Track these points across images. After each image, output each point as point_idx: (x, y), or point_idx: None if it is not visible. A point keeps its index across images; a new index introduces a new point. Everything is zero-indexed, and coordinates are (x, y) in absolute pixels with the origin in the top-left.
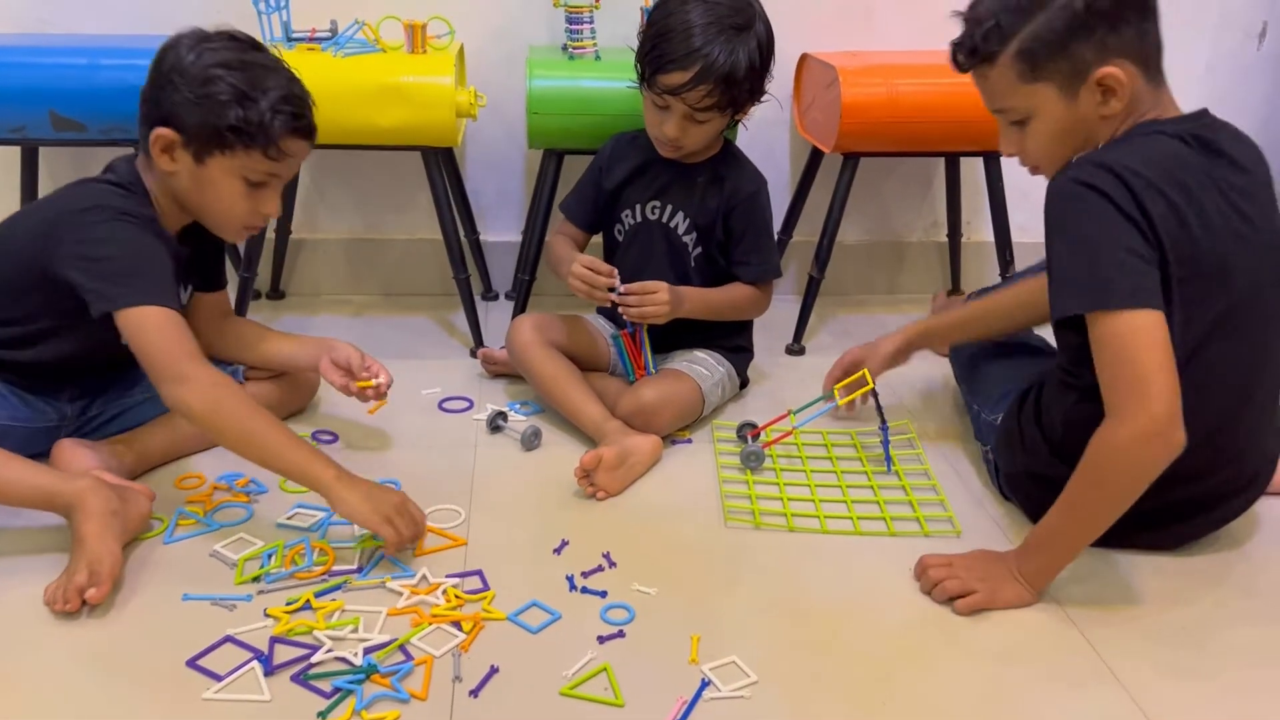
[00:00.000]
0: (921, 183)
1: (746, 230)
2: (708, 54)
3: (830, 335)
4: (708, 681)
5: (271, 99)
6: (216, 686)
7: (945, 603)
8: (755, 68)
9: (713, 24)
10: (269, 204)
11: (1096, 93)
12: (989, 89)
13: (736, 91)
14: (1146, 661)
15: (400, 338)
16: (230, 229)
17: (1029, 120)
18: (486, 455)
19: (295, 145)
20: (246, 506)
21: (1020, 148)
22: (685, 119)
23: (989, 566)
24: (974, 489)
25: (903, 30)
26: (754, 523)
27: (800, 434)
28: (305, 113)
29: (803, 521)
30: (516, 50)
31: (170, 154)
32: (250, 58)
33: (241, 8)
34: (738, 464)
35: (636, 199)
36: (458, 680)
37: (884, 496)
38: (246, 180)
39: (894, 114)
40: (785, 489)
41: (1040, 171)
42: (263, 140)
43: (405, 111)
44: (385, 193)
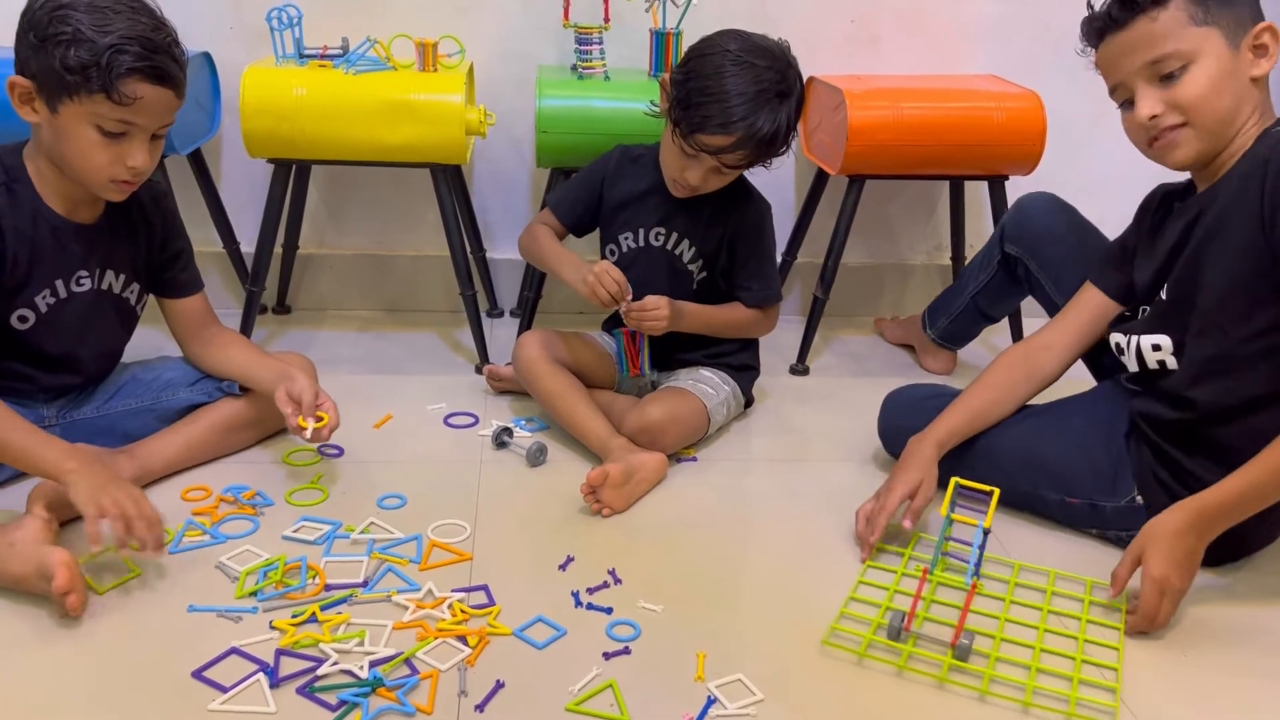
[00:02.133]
0: (926, 206)
1: (750, 257)
2: (752, 122)
3: (834, 356)
4: (714, 699)
5: (112, 39)
6: (222, 698)
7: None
8: (791, 127)
9: (761, 92)
10: (134, 156)
11: (1249, 51)
12: (1153, 33)
13: (772, 151)
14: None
15: (406, 353)
16: (95, 182)
17: (1187, 68)
18: (492, 471)
19: (143, 89)
20: (252, 519)
21: (1169, 102)
22: (712, 171)
23: (1186, 562)
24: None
25: (909, 54)
26: (858, 652)
27: (987, 556)
28: (154, 55)
29: (920, 662)
30: (526, 70)
31: (30, 105)
32: (102, 1)
33: (255, 24)
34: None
35: (639, 223)
36: (463, 695)
37: (1045, 664)
38: (100, 129)
39: (900, 137)
40: (922, 624)
41: (1184, 129)
42: (102, 82)
43: (415, 129)
44: (393, 209)
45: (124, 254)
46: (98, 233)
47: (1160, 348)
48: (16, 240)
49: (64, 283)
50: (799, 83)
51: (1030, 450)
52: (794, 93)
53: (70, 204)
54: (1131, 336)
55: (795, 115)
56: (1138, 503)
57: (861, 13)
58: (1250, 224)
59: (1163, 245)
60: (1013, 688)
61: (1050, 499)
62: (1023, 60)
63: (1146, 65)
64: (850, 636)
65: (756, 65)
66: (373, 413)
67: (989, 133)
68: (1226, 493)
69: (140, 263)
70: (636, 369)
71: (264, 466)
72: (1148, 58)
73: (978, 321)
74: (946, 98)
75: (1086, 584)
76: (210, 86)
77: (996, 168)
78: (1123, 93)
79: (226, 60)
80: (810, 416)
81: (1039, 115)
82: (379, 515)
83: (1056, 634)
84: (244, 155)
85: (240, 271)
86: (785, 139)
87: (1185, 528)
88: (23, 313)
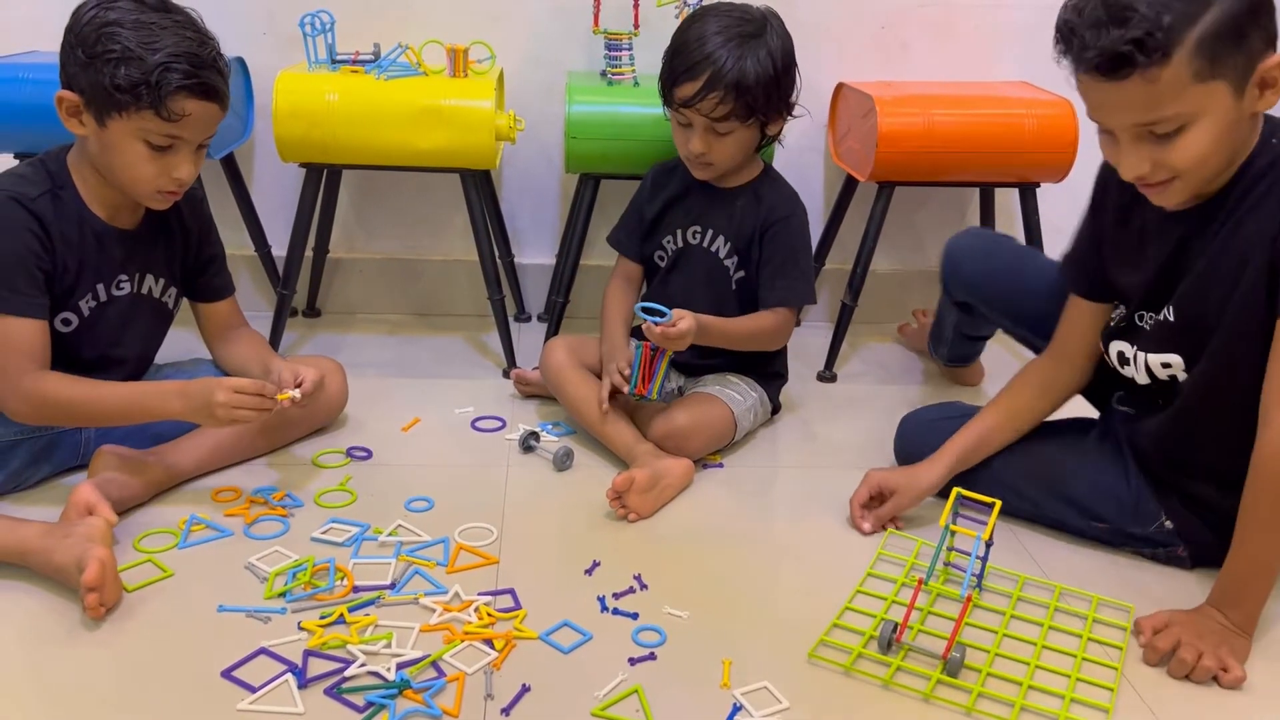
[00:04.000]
0: (955, 213)
1: (776, 253)
2: (715, 60)
3: (862, 363)
4: (739, 706)
5: (161, 56)
6: (250, 698)
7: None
8: (770, 76)
9: (720, 33)
10: (180, 168)
11: (1255, 88)
12: (1152, 94)
13: (751, 99)
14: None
15: (434, 357)
16: (141, 193)
17: (1185, 128)
18: (519, 475)
19: (190, 105)
20: (283, 520)
21: (1159, 163)
22: (707, 132)
23: (1206, 623)
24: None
25: (939, 61)
26: (845, 665)
27: (990, 568)
28: (201, 71)
29: (907, 677)
30: (556, 76)
31: (78, 118)
32: (148, 17)
33: (288, 29)
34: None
35: (678, 224)
36: (489, 698)
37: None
38: (148, 143)
39: (930, 144)
40: (918, 632)
41: (1174, 184)
42: (151, 100)
43: (445, 134)
44: (422, 214)
45: (162, 258)
46: (138, 238)
47: (1170, 365)
48: (65, 247)
49: (105, 287)
50: (776, 34)
51: (1053, 483)
52: (763, 35)
53: (112, 210)
54: (1140, 353)
55: (775, 63)
56: (1168, 527)
57: (892, 19)
58: (1269, 255)
59: (1152, 253)
60: (1002, 705)
61: (1080, 525)
62: (1054, 67)
63: (1136, 125)
64: (839, 649)
65: (723, 16)
66: (401, 416)
67: (1020, 140)
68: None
69: (177, 267)
70: (645, 389)
71: (293, 468)
72: (1141, 119)
73: (974, 343)
74: (977, 105)
75: (1093, 600)
76: (244, 91)
77: (1028, 175)
78: (1103, 126)
79: (260, 66)
80: (837, 423)
81: (1071, 123)
82: (407, 518)
83: (1055, 651)
84: (276, 160)
85: (271, 275)
86: (765, 87)
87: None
88: (66, 316)
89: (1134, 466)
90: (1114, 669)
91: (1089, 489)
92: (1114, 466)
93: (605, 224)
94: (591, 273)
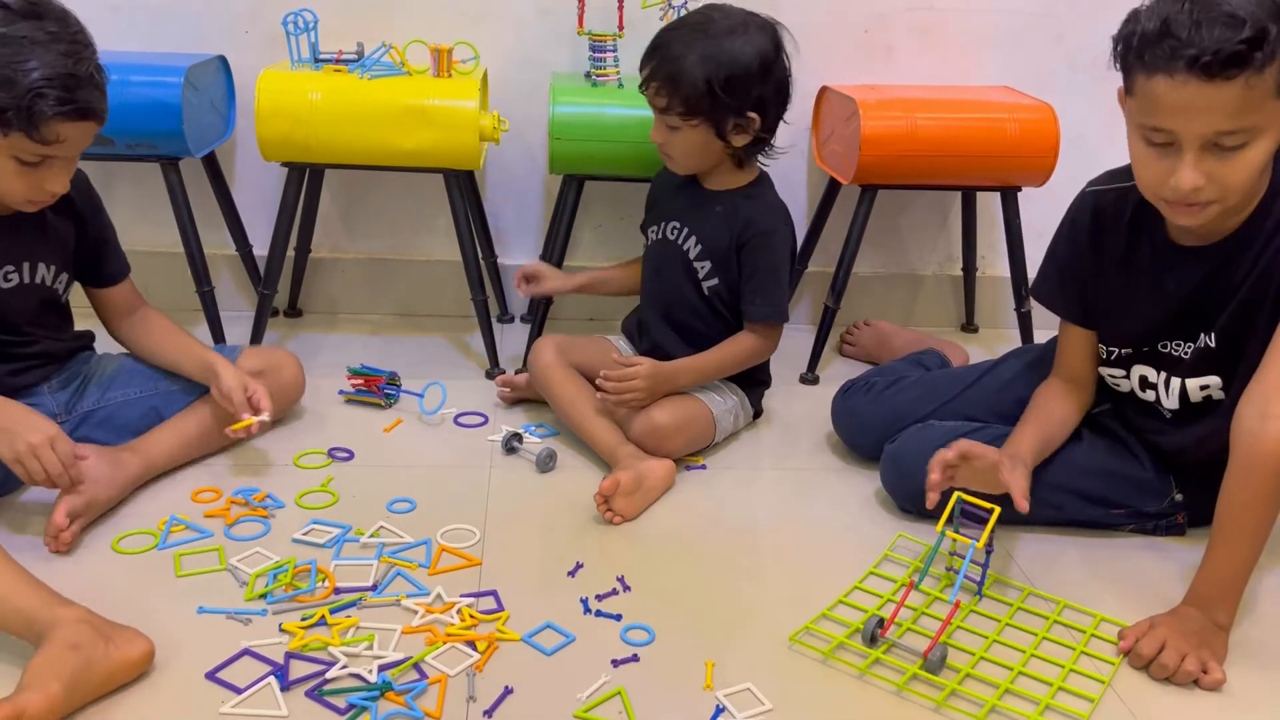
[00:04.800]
0: (938, 216)
1: (756, 268)
2: (662, 49)
3: (844, 365)
4: (722, 708)
5: (34, 79)
6: (234, 700)
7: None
8: (721, 78)
9: (682, 26)
10: (54, 181)
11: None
12: (1246, 100)
13: (689, 95)
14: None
15: (416, 358)
16: (12, 203)
17: (1250, 143)
18: (502, 476)
19: (65, 129)
20: (264, 521)
21: (1214, 176)
22: (660, 123)
23: (1188, 625)
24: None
25: (922, 65)
26: (824, 652)
27: (995, 577)
28: (76, 94)
29: (885, 670)
30: (540, 76)
31: None
32: (16, 30)
33: (270, 28)
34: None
35: (663, 217)
36: (472, 700)
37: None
38: (18, 160)
39: (913, 147)
40: (905, 630)
41: (1212, 205)
42: (22, 125)
43: (429, 134)
44: (405, 214)
45: (51, 246)
46: (19, 226)
47: (1208, 386)
48: None
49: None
50: (747, 41)
51: (1069, 482)
52: (727, 37)
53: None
54: (1174, 378)
55: (729, 67)
56: (1178, 500)
57: (875, 23)
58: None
59: (1173, 288)
60: (971, 702)
61: (1098, 516)
62: (1037, 72)
63: (1219, 133)
64: (821, 636)
65: (708, 12)
66: (383, 417)
67: (1002, 144)
68: (1219, 575)
69: (70, 254)
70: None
71: (274, 469)
72: (1226, 126)
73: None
74: (960, 109)
75: (1095, 618)
76: (225, 90)
77: (1009, 179)
78: (1164, 136)
79: (242, 64)
80: (819, 426)
81: (1053, 127)
82: (389, 519)
83: (1044, 660)
84: (258, 159)
85: (253, 274)
86: (708, 86)
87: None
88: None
89: (1140, 448)
90: (1101, 681)
91: (1105, 480)
92: (1122, 453)
93: (588, 225)
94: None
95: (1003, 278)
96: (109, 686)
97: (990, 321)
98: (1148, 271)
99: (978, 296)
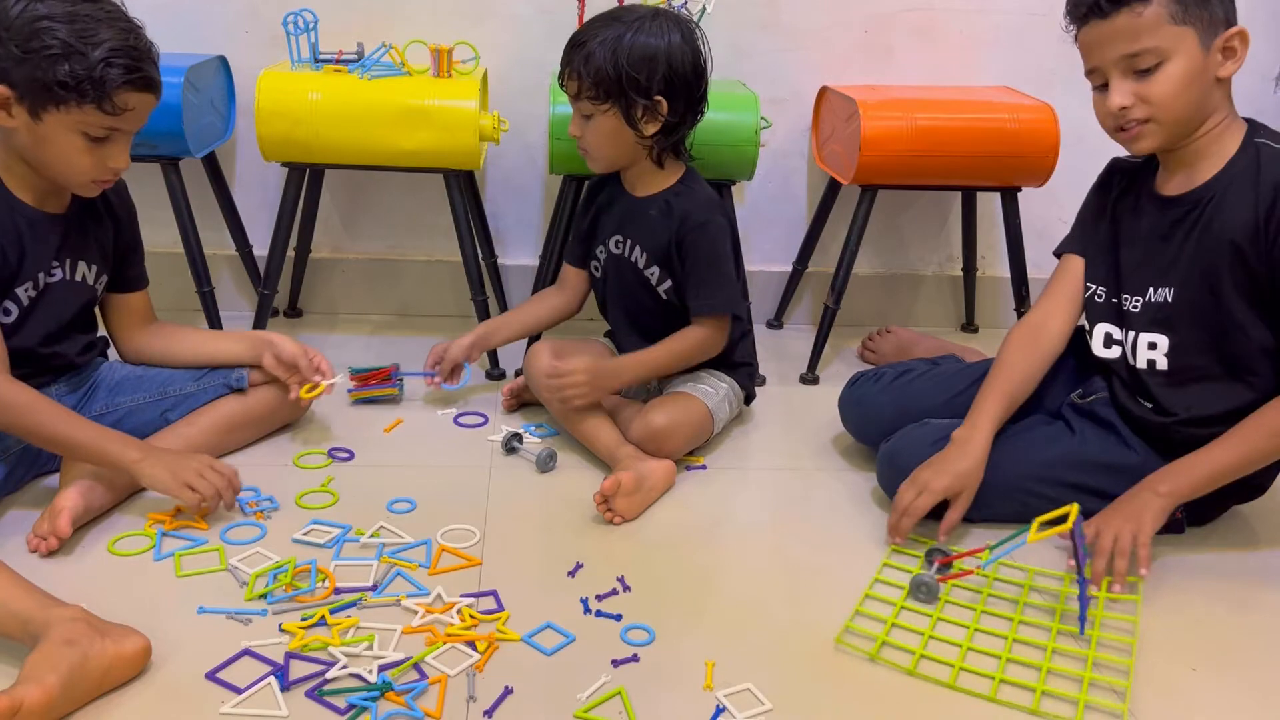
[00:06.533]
0: (938, 217)
1: (696, 262)
2: (577, 36)
3: (844, 365)
4: (722, 708)
5: (103, 51)
6: (234, 701)
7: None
8: (627, 61)
9: (598, 17)
10: (117, 158)
11: (1219, 53)
12: (1135, 27)
13: (597, 75)
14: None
15: (416, 358)
16: (76, 183)
17: (1161, 65)
18: (502, 477)
19: (133, 99)
20: (260, 525)
21: (1140, 96)
22: (577, 114)
23: (1120, 506)
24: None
25: (922, 65)
26: (870, 654)
27: (1000, 565)
28: (142, 64)
29: (931, 667)
30: (540, 77)
31: (7, 110)
32: (79, 9)
33: (271, 28)
34: (897, 583)
35: (605, 234)
36: (472, 700)
37: (1056, 664)
38: (86, 135)
39: (913, 147)
40: (935, 625)
41: (1149, 124)
42: (95, 95)
43: (429, 134)
44: (405, 214)
45: (93, 243)
46: (69, 223)
47: (1155, 346)
48: (3, 237)
49: (44, 274)
50: (654, 31)
51: (1063, 475)
52: (623, 19)
53: (39, 196)
54: (1129, 331)
55: (637, 52)
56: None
57: (875, 23)
58: (1252, 245)
59: (1145, 233)
60: (1023, 691)
61: (1095, 508)
62: (1037, 72)
63: (1124, 57)
64: (864, 636)
65: (603, 13)
66: (383, 417)
67: (1002, 144)
68: (1205, 474)
69: (109, 252)
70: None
71: (275, 469)
72: (1126, 50)
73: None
74: (960, 109)
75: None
76: (226, 90)
77: (1010, 179)
78: (1098, 77)
79: (242, 64)
80: (819, 426)
81: (1053, 127)
82: (389, 519)
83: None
84: (258, 159)
85: (253, 274)
86: (615, 69)
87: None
88: (6, 305)
89: (1132, 435)
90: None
91: (1099, 473)
92: (1116, 444)
93: None
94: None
95: (1003, 278)
96: (106, 683)
97: (990, 321)
98: (1131, 217)
99: (978, 296)
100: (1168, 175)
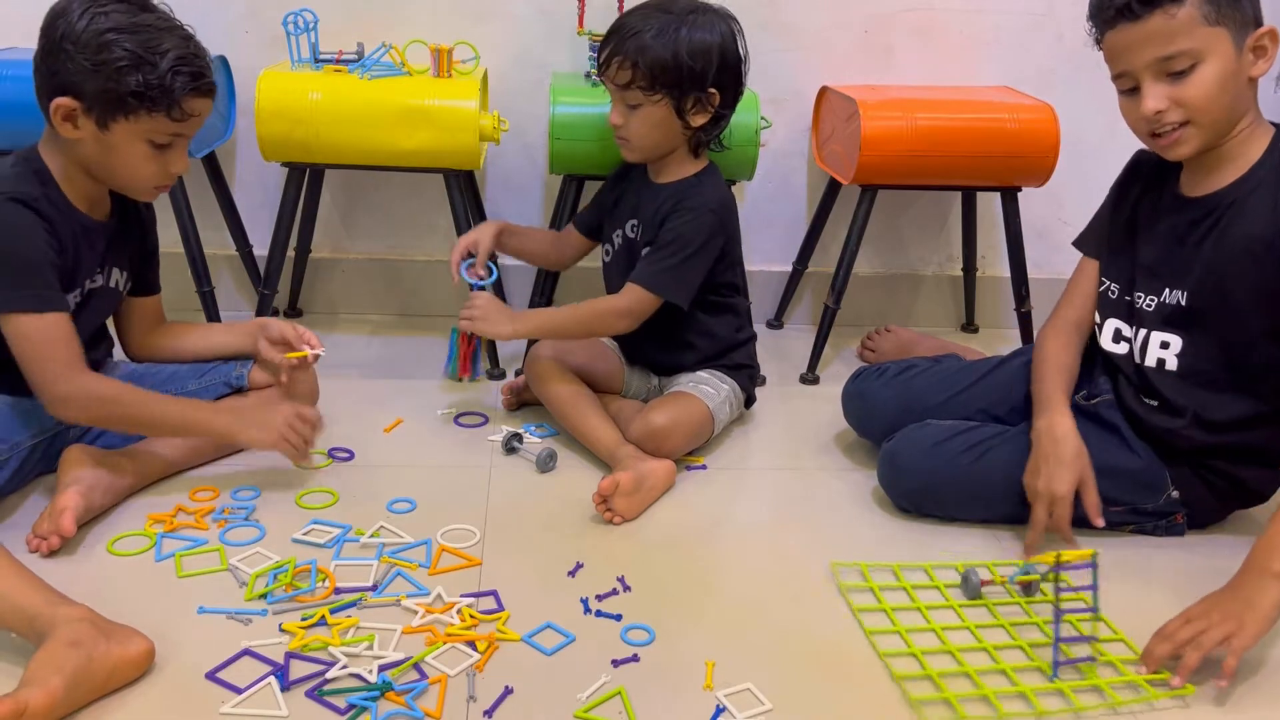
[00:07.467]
0: (938, 216)
1: (663, 237)
2: (625, 27)
3: (844, 365)
4: (722, 708)
5: (170, 60)
6: (234, 700)
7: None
8: (684, 53)
9: (636, 9)
10: (177, 163)
11: (1250, 52)
12: (1169, 29)
13: (654, 67)
14: None
15: (416, 358)
16: (141, 191)
17: (1196, 66)
18: (502, 476)
19: (197, 104)
20: (258, 525)
21: (1175, 99)
22: (620, 103)
23: (1226, 599)
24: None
25: (922, 65)
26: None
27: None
28: (205, 71)
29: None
30: (540, 76)
31: (73, 122)
32: (142, 19)
33: (271, 28)
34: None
35: (622, 219)
36: (472, 700)
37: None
38: (152, 142)
39: (913, 147)
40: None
41: (1188, 128)
42: (165, 103)
43: (429, 134)
44: (406, 214)
45: (126, 251)
46: (112, 231)
47: (1168, 345)
48: (65, 243)
49: (89, 281)
50: (704, 26)
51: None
52: (688, 17)
53: (90, 204)
54: (1140, 329)
55: (691, 45)
56: (1174, 497)
57: (876, 23)
58: (1268, 251)
59: (1163, 233)
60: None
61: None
62: (1037, 72)
63: (1157, 60)
64: (853, 569)
65: (644, 3)
66: (383, 417)
67: (1002, 144)
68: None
69: (136, 260)
70: (466, 372)
71: (274, 469)
72: (1160, 53)
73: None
74: (960, 109)
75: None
76: (226, 90)
77: (1010, 179)
78: (1127, 81)
79: (242, 64)
80: (819, 425)
81: (1053, 127)
82: (389, 519)
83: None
84: (258, 159)
85: (253, 274)
86: (675, 60)
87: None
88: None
89: (1132, 435)
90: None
91: (1101, 477)
92: (1119, 446)
93: None
94: (576, 274)
95: (1003, 278)
96: (110, 685)
97: (990, 321)
98: (1151, 214)
99: (978, 296)
100: (1191, 175)
